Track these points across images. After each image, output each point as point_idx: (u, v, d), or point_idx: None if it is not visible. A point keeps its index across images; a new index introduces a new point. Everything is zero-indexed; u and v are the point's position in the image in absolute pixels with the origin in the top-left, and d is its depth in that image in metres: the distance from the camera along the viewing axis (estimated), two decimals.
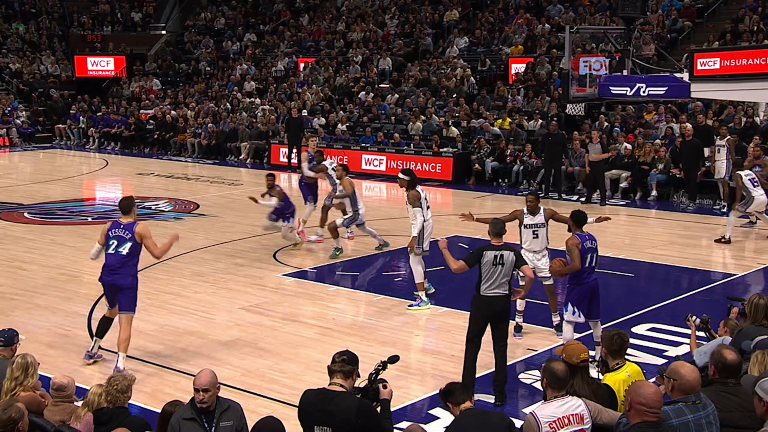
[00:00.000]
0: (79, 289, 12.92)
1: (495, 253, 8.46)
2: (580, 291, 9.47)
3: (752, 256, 15.01)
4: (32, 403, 5.94)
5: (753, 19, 24.38)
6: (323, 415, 5.44)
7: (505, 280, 8.50)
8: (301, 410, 5.63)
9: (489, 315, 8.55)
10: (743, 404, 5.38)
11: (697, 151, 19.94)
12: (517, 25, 29.74)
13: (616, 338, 6.53)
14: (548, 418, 5.49)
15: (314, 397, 5.58)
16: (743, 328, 7.26)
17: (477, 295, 8.56)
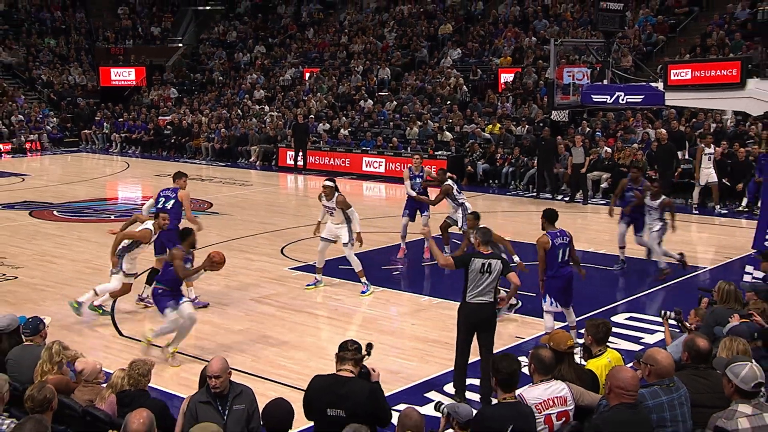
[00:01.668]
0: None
1: (483, 261, 8.01)
2: (557, 284, 9.47)
3: (720, 251, 15.00)
4: (61, 384, 5.97)
5: (720, 35, 24.36)
6: (336, 399, 5.43)
7: (491, 287, 8.07)
8: (311, 394, 5.60)
9: (475, 322, 8.13)
10: (712, 386, 5.41)
11: (671, 154, 19.94)
12: (506, 38, 29.72)
13: (602, 327, 6.57)
14: (535, 400, 5.49)
15: (326, 382, 5.58)
16: (715, 309, 7.30)
17: (463, 302, 8.14)
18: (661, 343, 8.50)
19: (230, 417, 5.70)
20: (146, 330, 9.76)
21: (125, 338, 10.20)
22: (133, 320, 10.94)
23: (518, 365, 5.42)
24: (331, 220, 12.18)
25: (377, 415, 5.57)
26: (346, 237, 12.04)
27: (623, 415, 4.95)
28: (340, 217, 12.04)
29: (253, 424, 5.76)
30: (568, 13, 29.36)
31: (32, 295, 12.04)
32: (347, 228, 12.03)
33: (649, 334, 10.15)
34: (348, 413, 5.34)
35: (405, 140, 25.71)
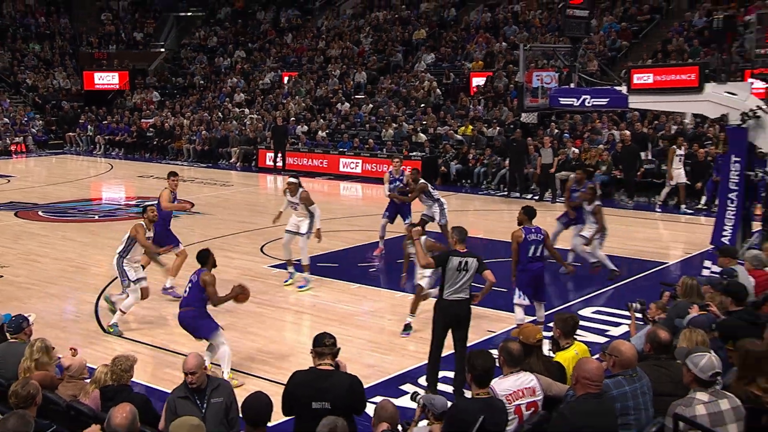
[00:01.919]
0: (87, 279, 12.82)
1: (460, 260, 7.99)
2: (525, 277, 9.56)
3: (681, 247, 15.15)
4: (45, 380, 5.91)
5: (679, 41, 24.63)
6: (320, 392, 5.42)
7: (467, 285, 8.06)
8: (294, 389, 5.56)
9: (451, 318, 8.10)
10: (673, 376, 5.47)
11: (635, 154, 20.13)
12: (478, 44, 29.80)
13: (570, 320, 6.63)
14: (505, 391, 5.51)
15: (309, 377, 5.56)
16: (678, 303, 7.37)
17: (440, 299, 8.11)
18: (626, 335, 8.58)
19: (209, 410, 5.69)
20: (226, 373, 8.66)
21: (109, 335, 10.11)
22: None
23: (493, 362, 5.40)
24: (294, 214, 12.35)
25: (356, 406, 5.60)
26: (305, 228, 12.16)
27: (589, 404, 4.98)
28: (304, 212, 12.21)
29: (231, 415, 5.75)
30: (537, 19, 29.49)
31: (17, 293, 11.91)
32: (308, 222, 12.17)
33: (615, 327, 10.24)
34: (332, 404, 5.33)
35: (381, 142, 25.71)
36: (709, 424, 4.75)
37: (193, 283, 8.65)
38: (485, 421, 4.96)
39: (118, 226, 17.36)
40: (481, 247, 14.30)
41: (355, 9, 36.91)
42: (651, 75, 12.85)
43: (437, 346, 8.17)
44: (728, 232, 12.19)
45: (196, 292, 8.60)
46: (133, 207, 20.13)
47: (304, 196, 12.12)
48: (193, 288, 8.64)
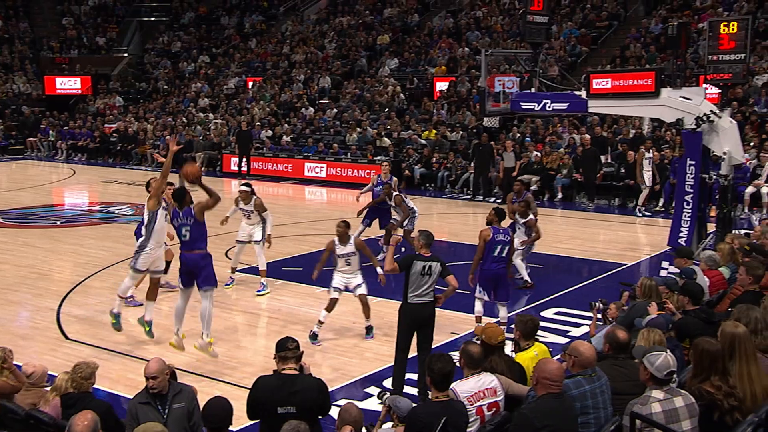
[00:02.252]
0: (49, 286, 12.60)
1: (424, 264, 7.96)
2: (486, 275, 9.67)
3: (640, 248, 15.36)
4: (4, 388, 5.80)
5: (637, 47, 25.04)
6: (287, 397, 5.39)
7: (431, 288, 8.05)
8: (260, 395, 5.51)
9: (416, 321, 8.07)
10: (630, 375, 5.54)
11: (595, 158, 20.38)
12: (441, 49, 29.94)
13: (530, 323, 6.70)
14: (466, 393, 5.53)
15: (275, 382, 5.52)
16: (636, 303, 7.47)
17: (404, 303, 8.07)
18: (586, 336, 8.66)
19: (170, 416, 5.63)
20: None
21: (71, 341, 9.96)
22: (79, 323, 10.68)
23: (452, 365, 5.39)
24: (245, 222, 12.39)
25: (323, 408, 5.59)
26: (259, 236, 12.22)
27: (550, 404, 5.03)
28: (256, 219, 12.26)
29: (193, 421, 5.70)
30: (499, 25, 29.71)
31: None
32: (261, 228, 12.22)
33: (575, 327, 10.33)
34: (299, 409, 5.31)
35: (345, 146, 25.70)
36: (664, 421, 4.82)
37: (189, 223, 9.00)
38: (446, 423, 4.97)
39: (81, 232, 17.16)
40: (445, 249, 14.37)
41: (319, 14, 36.88)
42: (609, 80, 13.04)
43: (402, 348, 8.14)
44: (684, 234, 12.41)
45: (200, 230, 9.02)
46: (96, 213, 19.87)
47: (258, 203, 12.16)
48: (194, 227, 9.00)
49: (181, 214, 9.07)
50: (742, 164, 13.54)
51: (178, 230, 9.13)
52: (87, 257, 14.46)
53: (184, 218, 9.07)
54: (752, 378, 5.32)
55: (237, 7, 40.12)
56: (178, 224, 9.11)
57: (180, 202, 9.11)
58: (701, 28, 22.16)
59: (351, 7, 36.02)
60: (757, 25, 22.91)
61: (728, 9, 24.66)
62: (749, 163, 17.93)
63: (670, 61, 13.93)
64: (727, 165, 12.27)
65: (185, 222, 9.05)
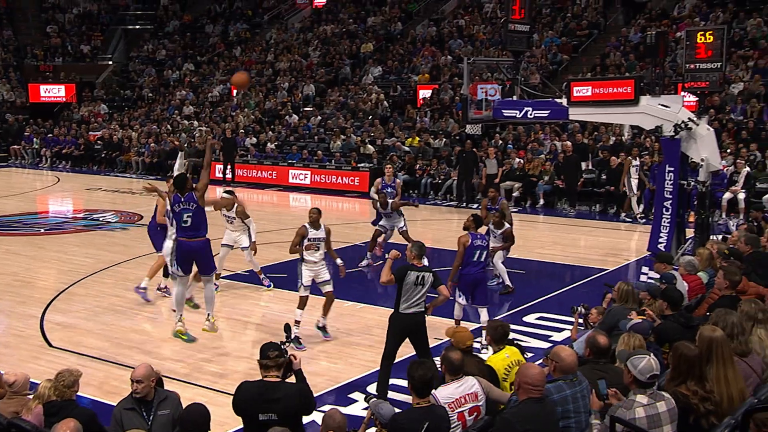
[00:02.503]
0: (33, 293, 12.48)
1: (417, 274, 7.95)
2: (465, 280, 9.67)
3: (621, 254, 15.42)
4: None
5: (616, 55, 25.23)
6: (269, 404, 5.40)
7: (423, 298, 8.04)
8: (242, 401, 5.53)
9: (406, 330, 8.05)
10: (611, 379, 5.55)
11: (576, 164, 20.48)
12: (424, 57, 30.02)
13: (500, 329, 6.78)
14: (447, 399, 5.56)
15: (257, 390, 5.52)
16: (613, 308, 7.49)
17: (396, 312, 8.04)
18: (568, 340, 8.69)
19: (155, 422, 5.60)
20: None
21: (54, 349, 9.86)
22: (63, 330, 10.58)
23: (433, 372, 5.40)
24: (229, 228, 12.48)
25: (306, 410, 5.62)
26: (246, 242, 12.35)
27: (531, 408, 5.03)
28: (239, 225, 12.38)
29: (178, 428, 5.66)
30: (481, 33, 29.84)
31: None
32: (246, 235, 12.37)
33: (557, 332, 10.35)
34: (280, 416, 5.31)
35: (329, 153, 25.69)
36: (646, 426, 4.83)
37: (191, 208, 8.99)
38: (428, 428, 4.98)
39: (65, 239, 17.02)
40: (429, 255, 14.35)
41: (303, 23, 36.88)
42: (590, 88, 13.12)
43: (388, 355, 8.12)
44: (664, 239, 12.49)
45: (202, 216, 9.06)
46: (80, 220, 19.73)
47: (240, 210, 12.23)
48: (196, 212, 9.02)
49: (183, 198, 9.01)
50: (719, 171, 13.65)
51: (179, 216, 9.06)
52: (71, 264, 14.35)
53: (186, 203, 9.01)
54: (729, 381, 5.37)
55: (222, 15, 40.05)
56: (179, 209, 9.04)
57: (181, 187, 9.08)
58: (679, 37, 22.33)
59: (335, 15, 36.05)
60: (732, 34, 23.15)
61: (705, 19, 24.90)
62: (726, 169, 18.08)
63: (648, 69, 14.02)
64: (705, 171, 12.38)
65: (187, 207, 8.99)
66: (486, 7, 31.83)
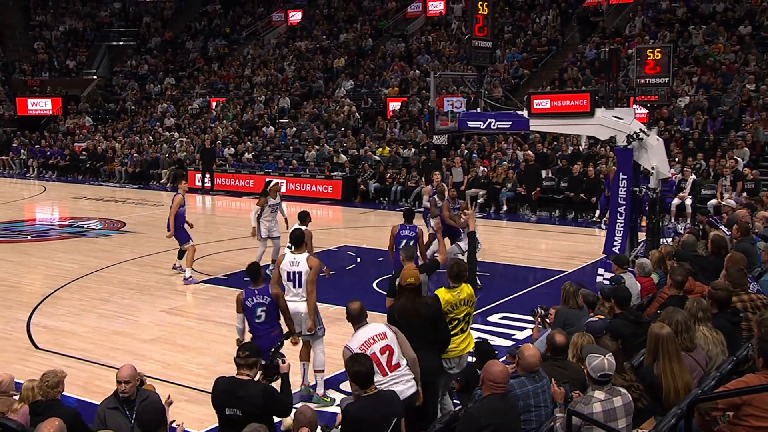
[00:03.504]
0: (19, 298, 12.28)
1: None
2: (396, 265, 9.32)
3: (578, 257, 15.53)
4: None
5: (573, 70, 25.49)
6: (234, 400, 5.40)
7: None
8: (213, 396, 5.55)
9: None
10: (569, 375, 5.61)
11: (537, 173, 20.62)
12: (393, 71, 30.08)
13: (455, 267, 6.85)
14: (358, 343, 5.82)
15: (226, 385, 5.52)
16: (559, 309, 7.49)
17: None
18: (529, 339, 8.73)
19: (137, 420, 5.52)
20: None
21: (40, 350, 9.71)
22: (49, 333, 10.42)
23: (367, 365, 5.33)
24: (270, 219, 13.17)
25: (274, 411, 5.57)
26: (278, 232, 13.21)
27: (495, 403, 5.04)
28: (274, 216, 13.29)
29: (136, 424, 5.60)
30: (447, 49, 29.97)
31: None
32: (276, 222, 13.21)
33: (520, 331, 10.40)
34: (245, 413, 5.30)
35: (304, 162, 25.62)
36: (603, 419, 4.87)
37: (264, 302, 7.43)
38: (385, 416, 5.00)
39: (51, 246, 16.79)
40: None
41: (279, 39, 36.77)
42: (548, 100, 13.16)
43: None
44: (618, 242, 12.58)
45: (276, 308, 7.50)
46: (66, 227, 19.46)
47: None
48: (270, 305, 7.46)
49: (257, 291, 7.49)
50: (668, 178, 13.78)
51: (251, 312, 7.48)
52: (57, 270, 14.14)
53: (260, 296, 7.48)
54: (675, 374, 5.45)
55: (201, 32, 39.80)
56: (252, 304, 7.47)
57: (255, 278, 7.58)
58: (630, 54, 22.61)
59: (309, 32, 35.98)
60: (678, 52, 23.51)
61: (653, 37, 25.26)
62: (675, 177, 18.32)
63: (603, 83, 14.15)
64: (656, 179, 12.50)
65: (261, 302, 7.48)
66: (452, 24, 32.00)
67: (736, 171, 18.42)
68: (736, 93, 22.33)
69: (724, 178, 18.40)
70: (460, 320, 6.78)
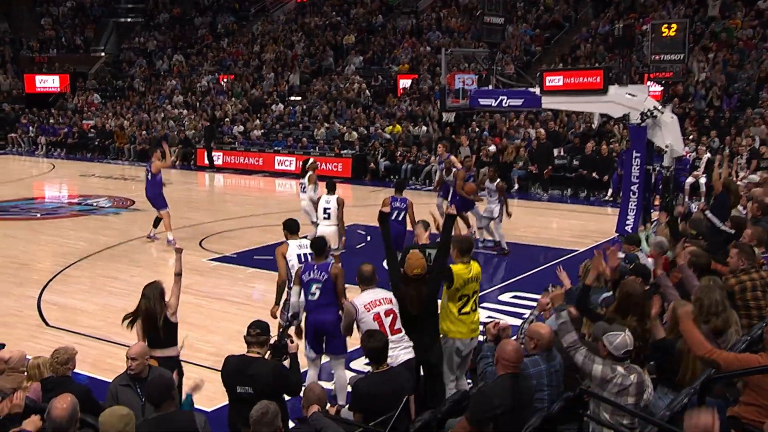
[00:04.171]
0: (30, 275, 12.36)
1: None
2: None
3: (590, 236, 15.47)
4: None
5: (587, 47, 25.23)
6: (245, 378, 5.43)
7: None
8: (224, 374, 5.58)
9: None
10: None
11: (549, 151, 20.51)
12: (404, 48, 29.89)
13: (465, 242, 6.88)
14: (363, 302, 6.20)
15: (236, 363, 5.55)
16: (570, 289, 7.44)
17: None
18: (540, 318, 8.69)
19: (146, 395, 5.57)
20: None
21: (51, 328, 9.78)
22: (59, 310, 10.50)
23: (384, 341, 5.53)
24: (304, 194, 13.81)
25: (285, 391, 5.58)
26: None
27: (508, 382, 5.03)
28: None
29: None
30: (458, 25, 29.74)
31: None
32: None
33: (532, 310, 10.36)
34: (255, 390, 5.32)
35: (313, 140, 25.57)
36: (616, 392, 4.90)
37: (320, 279, 7.14)
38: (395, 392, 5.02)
39: (61, 224, 16.86)
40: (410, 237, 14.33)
41: (288, 15, 36.58)
42: (561, 78, 13.09)
43: None
44: (631, 221, 12.55)
45: (333, 287, 7.08)
46: (75, 205, 19.54)
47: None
48: (326, 283, 7.10)
49: (316, 267, 7.24)
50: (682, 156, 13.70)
51: (307, 286, 7.22)
52: (67, 247, 14.21)
53: (318, 272, 7.20)
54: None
55: (210, 8, 39.63)
56: (308, 279, 7.21)
57: (320, 253, 7.39)
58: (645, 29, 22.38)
59: (318, 8, 35.78)
60: (694, 27, 23.22)
61: (669, 12, 24.96)
62: (689, 155, 18.18)
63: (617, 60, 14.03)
64: (669, 157, 12.42)
65: (317, 278, 7.17)
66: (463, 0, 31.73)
67: (753, 149, 18.25)
68: (754, 69, 22.07)
69: (740, 156, 18.24)
70: (469, 297, 6.79)
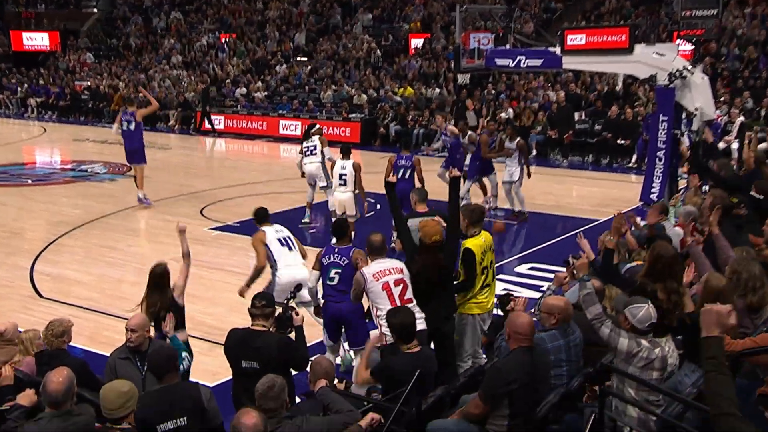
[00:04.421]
0: (21, 244, 12.47)
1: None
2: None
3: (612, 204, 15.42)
4: None
5: (611, 3, 24.93)
6: (250, 351, 5.47)
7: None
8: (228, 347, 5.63)
9: None
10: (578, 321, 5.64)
11: (569, 115, 20.38)
12: (415, 5, 29.62)
13: (477, 210, 7.00)
14: (372, 272, 6.29)
15: (241, 336, 5.60)
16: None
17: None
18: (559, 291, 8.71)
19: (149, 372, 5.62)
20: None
21: (45, 299, 9.89)
22: (53, 281, 10.59)
23: (411, 318, 5.62)
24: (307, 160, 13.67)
25: (291, 365, 5.63)
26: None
27: (521, 357, 5.05)
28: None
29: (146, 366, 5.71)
30: None
31: None
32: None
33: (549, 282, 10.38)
34: (261, 364, 5.37)
35: (320, 104, 25.49)
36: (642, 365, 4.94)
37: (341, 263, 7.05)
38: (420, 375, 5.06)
39: (54, 190, 16.94)
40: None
41: None
42: (583, 36, 12.95)
43: None
44: (656, 189, 12.49)
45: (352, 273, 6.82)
46: (68, 171, 19.60)
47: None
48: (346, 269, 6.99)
49: (336, 250, 7.13)
50: (713, 120, 13.56)
51: (326, 270, 7.12)
52: (60, 215, 14.30)
53: (338, 256, 7.08)
54: None
55: None
56: (327, 263, 7.12)
57: (341, 236, 7.27)
58: None
59: None
60: None
61: None
62: (720, 119, 18.02)
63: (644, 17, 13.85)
64: (699, 121, 12.32)
65: (337, 262, 7.06)
66: None
67: None
68: None
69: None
70: (488, 268, 6.83)
